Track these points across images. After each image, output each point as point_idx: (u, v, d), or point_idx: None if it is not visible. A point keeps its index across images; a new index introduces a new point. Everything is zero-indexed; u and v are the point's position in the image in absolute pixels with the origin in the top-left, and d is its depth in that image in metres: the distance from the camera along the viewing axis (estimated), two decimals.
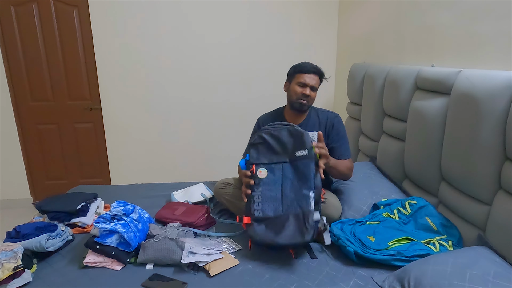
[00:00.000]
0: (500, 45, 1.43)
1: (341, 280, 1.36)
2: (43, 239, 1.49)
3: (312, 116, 1.91)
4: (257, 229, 1.54)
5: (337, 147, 1.84)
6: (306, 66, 1.82)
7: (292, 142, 1.61)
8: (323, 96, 3.43)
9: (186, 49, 3.15)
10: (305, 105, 1.82)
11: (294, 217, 1.50)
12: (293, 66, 1.88)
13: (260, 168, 1.63)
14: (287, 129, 1.63)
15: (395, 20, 2.27)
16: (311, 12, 3.19)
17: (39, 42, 3.02)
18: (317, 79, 1.83)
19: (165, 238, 1.51)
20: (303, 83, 1.81)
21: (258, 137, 1.68)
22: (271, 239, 1.50)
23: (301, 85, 1.82)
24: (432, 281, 1.16)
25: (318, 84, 1.84)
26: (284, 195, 1.56)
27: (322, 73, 1.85)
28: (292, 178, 1.57)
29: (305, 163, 1.55)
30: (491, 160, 1.34)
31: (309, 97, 1.81)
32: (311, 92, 1.81)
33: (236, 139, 3.22)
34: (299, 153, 1.56)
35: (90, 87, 3.18)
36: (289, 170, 1.59)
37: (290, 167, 1.59)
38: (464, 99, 1.43)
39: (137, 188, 2.41)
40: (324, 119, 1.90)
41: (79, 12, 3.00)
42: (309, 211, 1.47)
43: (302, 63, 1.84)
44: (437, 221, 1.56)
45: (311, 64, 1.83)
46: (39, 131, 3.24)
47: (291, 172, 1.58)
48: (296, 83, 1.83)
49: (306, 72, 1.81)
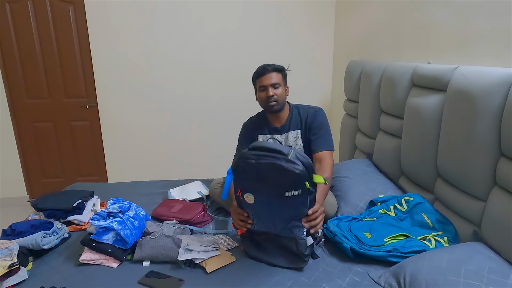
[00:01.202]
0: (495, 42, 1.44)
1: (337, 276, 1.36)
2: (39, 236, 1.48)
3: (294, 115, 1.91)
4: (250, 245, 1.50)
5: (314, 139, 1.84)
6: (260, 69, 1.84)
7: (280, 181, 1.32)
8: (320, 93, 3.44)
9: (182, 47, 3.13)
10: (276, 105, 1.82)
11: (287, 241, 1.42)
12: (252, 75, 1.90)
13: (246, 194, 1.43)
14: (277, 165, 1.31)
15: (391, 18, 2.27)
16: (308, 10, 3.19)
17: (35, 39, 3.00)
18: (275, 75, 1.82)
19: (162, 235, 1.51)
20: (263, 86, 1.82)
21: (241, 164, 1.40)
22: (266, 259, 1.45)
23: (262, 89, 1.83)
24: (428, 276, 1.16)
25: (280, 79, 1.83)
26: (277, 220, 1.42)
27: (278, 68, 1.84)
28: (282, 212, 1.39)
29: (298, 202, 1.35)
30: (487, 156, 1.34)
31: (275, 96, 1.80)
32: (274, 91, 1.80)
33: (232, 136, 3.19)
34: (290, 193, 1.32)
35: (87, 84, 3.16)
36: (277, 207, 1.38)
37: (279, 204, 1.37)
38: (460, 95, 1.43)
39: (134, 185, 2.40)
40: (305, 115, 1.89)
41: (75, 9, 2.98)
42: (302, 239, 1.38)
43: (258, 68, 1.85)
44: (433, 217, 1.56)
45: (265, 64, 1.84)
46: (35, 129, 3.23)
47: (280, 209, 1.38)
48: (258, 89, 1.86)
49: (261, 75, 1.82)
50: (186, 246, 1.46)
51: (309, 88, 3.34)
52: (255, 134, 1.96)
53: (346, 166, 2.13)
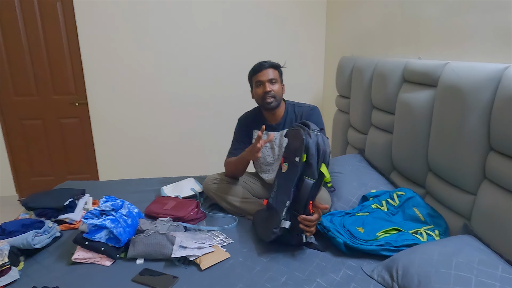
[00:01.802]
0: (485, 38, 1.46)
1: (331, 270, 1.37)
2: (30, 236, 1.46)
3: (290, 113, 1.92)
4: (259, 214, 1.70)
5: None
6: (257, 66, 1.85)
7: (296, 145, 1.55)
8: (312, 89, 3.45)
9: (174, 43, 3.10)
10: (273, 101, 1.83)
11: (271, 214, 1.57)
12: (249, 73, 1.91)
13: (284, 162, 1.62)
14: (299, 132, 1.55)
15: (383, 14, 2.28)
16: (299, 6, 3.18)
17: (22, 35, 2.93)
18: (272, 71, 1.83)
19: (155, 232, 1.50)
20: (260, 81, 1.83)
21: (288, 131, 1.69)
22: (257, 228, 1.65)
23: (259, 85, 1.84)
24: (420, 269, 1.18)
25: (277, 75, 1.85)
26: (280, 194, 1.57)
27: (275, 64, 1.86)
28: (286, 182, 1.55)
29: (294, 170, 1.51)
30: (476, 150, 1.37)
31: (272, 92, 1.81)
32: (271, 86, 1.82)
33: (225, 133, 3.19)
34: (297, 159, 1.50)
35: (76, 81, 3.11)
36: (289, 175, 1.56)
37: (290, 172, 1.55)
38: (450, 91, 1.45)
39: (126, 183, 2.38)
40: (300, 114, 1.90)
41: (63, 5, 2.93)
42: (279, 218, 1.49)
43: (254, 66, 1.86)
44: (424, 211, 1.59)
45: (262, 61, 1.85)
46: (23, 126, 3.16)
47: (288, 176, 1.55)
48: (255, 85, 1.86)
49: (258, 71, 1.83)
50: (180, 243, 1.45)
51: (301, 84, 3.35)
52: (250, 129, 1.97)
53: (338, 161, 2.14)
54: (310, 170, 1.47)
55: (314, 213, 1.48)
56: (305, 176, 1.47)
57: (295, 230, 1.49)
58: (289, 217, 1.50)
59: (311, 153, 1.46)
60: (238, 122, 2.03)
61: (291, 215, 1.50)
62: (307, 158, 1.47)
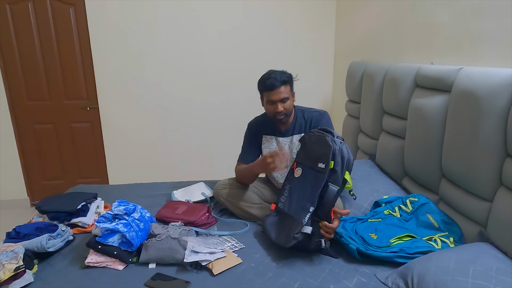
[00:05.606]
0: (500, 42, 1.44)
1: (344, 277, 1.36)
2: (44, 239, 1.47)
3: (299, 118, 1.92)
4: (269, 219, 1.67)
5: None
6: (269, 83, 1.75)
7: (319, 151, 1.55)
8: (321, 94, 3.44)
9: (184, 48, 3.13)
10: (283, 117, 1.82)
11: (290, 220, 1.54)
12: (259, 82, 1.83)
13: (298, 167, 1.64)
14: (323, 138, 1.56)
15: (394, 18, 2.28)
16: (309, 10, 3.19)
17: (35, 41, 2.99)
18: (284, 89, 1.76)
19: (167, 237, 1.51)
20: (271, 101, 1.79)
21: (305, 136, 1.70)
22: (270, 233, 1.60)
23: (271, 103, 1.80)
24: (436, 277, 1.16)
25: (288, 91, 1.79)
26: (296, 199, 1.57)
27: (287, 80, 1.78)
28: (306, 188, 1.55)
29: (319, 178, 1.50)
30: (492, 157, 1.35)
31: (283, 111, 1.79)
32: (283, 105, 1.78)
33: (234, 138, 3.20)
34: (320, 164, 1.51)
35: (87, 86, 3.15)
36: (307, 181, 1.57)
37: (309, 178, 1.56)
38: (465, 96, 1.44)
39: (137, 187, 2.39)
40: (309, 119, 1.90)
41: (76, 10, 2.98)
42: (301, 223, 1.47)
43: (266, 78, 1.77)
44: (438, 218, 1.57)
45: (274, 76, 1.75)
46: (35, 130, 3.21)
47: (307, 182, 1.56)
48: (266, 102, 1.83)
49: (270, 89, 1.76)
50: (192, 248, 1.45)
51: (310, 89, 3.35)
52: (260, 134, 1.97)
53: None
54: (335, 177, 1.47)
55: (334, 219, 1.48)
56: (330, 182, 1.47)
57: (314, 236, 1.48)
58: (311, 222, 1.49)
59: (337, 160, 1.47)
60: (248, 127, 2.03)
61: (312, 221, 1.49)
62: (334, 165, 1.47)
